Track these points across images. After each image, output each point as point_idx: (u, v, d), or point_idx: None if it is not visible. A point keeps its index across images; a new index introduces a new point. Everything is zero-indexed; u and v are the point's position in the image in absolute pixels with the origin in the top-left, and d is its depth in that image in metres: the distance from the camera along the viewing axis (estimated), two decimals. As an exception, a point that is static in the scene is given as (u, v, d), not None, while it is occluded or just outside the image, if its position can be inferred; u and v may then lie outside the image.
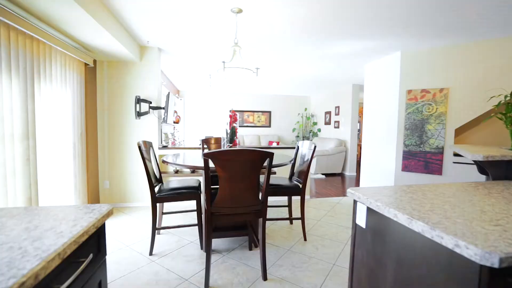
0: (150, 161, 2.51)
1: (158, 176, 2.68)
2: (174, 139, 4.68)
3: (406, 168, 3.84)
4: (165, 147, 3.86)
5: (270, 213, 3.58)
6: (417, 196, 1.19)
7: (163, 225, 3.00)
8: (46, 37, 2.36)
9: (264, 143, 8.30)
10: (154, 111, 3.73)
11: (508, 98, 1.97)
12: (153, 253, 2.43)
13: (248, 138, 8.31)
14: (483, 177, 2.02)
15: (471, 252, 0.70)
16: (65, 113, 2.86)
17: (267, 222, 3.21)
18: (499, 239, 0.75)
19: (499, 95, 2.12)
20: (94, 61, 3.56)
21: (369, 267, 1.18)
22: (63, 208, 1.01)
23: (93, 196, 3.63)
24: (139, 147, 2.28)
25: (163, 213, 2.81)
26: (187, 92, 8.14)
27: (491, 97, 2.23)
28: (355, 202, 1.28)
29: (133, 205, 3.82)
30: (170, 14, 2.66)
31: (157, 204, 2.48)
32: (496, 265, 0.66)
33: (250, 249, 2.49)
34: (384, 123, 4.14)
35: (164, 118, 4.18)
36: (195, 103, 8.23)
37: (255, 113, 8.70)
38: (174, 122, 5.26)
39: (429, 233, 0.83)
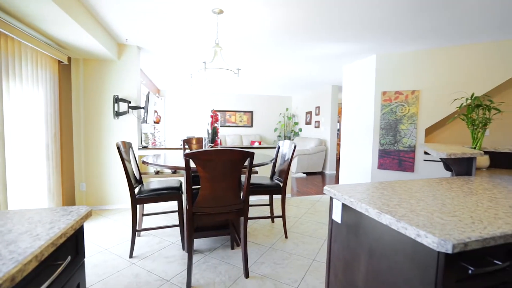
0: (129, 162, 2.46)
1: (138, 177, 2.64)
2: (154, 140, 4.59)
3: (381, 166, 4.03)
4: (145, 147, 3.78)
5: (252, 212, 3.62)
6: (387, 192, 1.28)
7: (143, 226, 2.95)
8: (15, 33, 2.24)
9: (246, 143, 8.33)
10: (134, 111, 3.64)
11: (469, 101, 2.14)
12: (133, 255, 2.39)
13: (230, 138, 8.31)
14: (448, 173, 2.17)
15: (430, 240, 0.78)
16: (37, 113, 2.73)
17: (249, 221, 3.25)
18: (454, 228, 0.83)
19: (462, 97, 2.30)
20: (69, 59, 3.42)
21: (344, 260, 1.25)
22: (38, 211, 0.99)
23: (69, 199, 3.49)
24: (118, 148, 2.23)
25: (143, 215, 2.77)
26: (168, 92, 8.00)
27: (455, 100, 2.41)
28: (331, 199, 1.35)
29: (112, 207, 3.72)
30: (150, 12, 2.62)
31: (138, 206, 2.44)
32: (449, 251, 0.74)
33: (232, 248, 2.51)
34: (361, 123, 4.31)
35: (144, 118, 4.09)
36: (176, 103, 8.10)
37: (237, 113, 8.71)
38: (154, 122, 5.16)
39: (395, 225, 0.91)
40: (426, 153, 3.68)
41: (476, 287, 0.83)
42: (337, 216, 1.29)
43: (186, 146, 3.37)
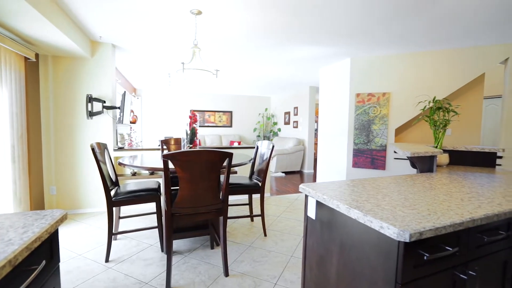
0: (105, 163, 2.39)
1: (114, 179, 2.57)
2: (131, 140, 4.46)
3: (356, 164, 4.22)
4: (121, 148, 3.67)
5: (232, 211, 3.65)
6: (357, 189, 1.37)
7: (120, 230, 2.88)
8: (-23, 28, 2.10)
9: (225, 143, 8.32)
10: (109, 110, 3.53)
11: (431, 104, 2.33)
12: (109, 259, 2.33)
13: (209, 138, 8.26)
14: (415, 170, 2.34)
15: (391, 231, 0.87)
16: (1, 112, 2.57)
17: (228, 220, 3.28)
18: (412, 220, 0.93)
19: (425, 100, 2.49)
20: (36, 55, 3.24)
21: (318, 254, 1.33)
22: (8, 216, 0.96)
23: (37, 204, 3.30)
24: (93, 149, 2.17)
25: (120, 218, 2.70)
26: (144, 91, 7.78)
27: (419, 102, 2.60)
28: (306, 196, 1.42)
29: (86, 211, 3.57)
30: (125, 11, 2.56)
31: (114, 208, 2.38)
32: (407, 240, 0.83)
33: (212, 248, 2.53)
34: (337, 123, 4.49)
35: (119, 118, 3.97)
36: (154, 103, 7.91)
37: (216, 113, 8.67)
38: (130, 122, 5.01)
39: (362, 218, 0.99)
40: (396, 151, 3.91)
41: (430, 271, 0.93)
42: (311, 213, 1.37)
43: (164, 147, 3.32)
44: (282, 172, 6.83)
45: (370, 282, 0.98)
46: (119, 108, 3.80)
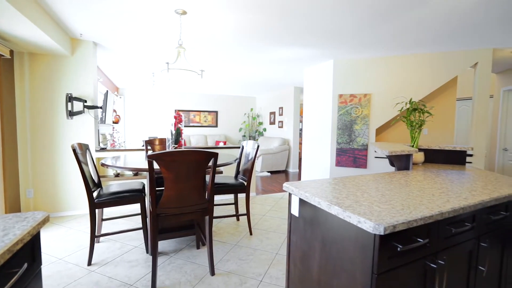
0: (87, 164, 2.34)
1: (96, 180, 2.51)
2: (113, 141, 4.36)
3: (339, 163, 4.35)
4: (103, 149, 3.59)
5: (217, 211, 3.66)
6: (338, 187, 1.44)
7: (103, 232, 2.82)
8: None
9: (211, 143, 8.29)
10: (90, 110, 3.43)
11: (408, 105, 2.46)
12: (92, 263, 2.28)
13: (194, 138, 8.19)
14: (393, 169, 2.46)
15: (367, 225, 0.93)
16: (-26, 112, 2.45)
17: (214, 220, 3.29)
18: (387, 214, 1.00)
19: (402, 102, 2.61)
20: (11, 52, 3.10)
21: (302, 250, 1.38)
22: (-13, 219, 0.94)
23: (13, 207, 3.16)
24: (74, 150, 2.12)
25: (103, 220, 2.65)
26: (127, 90, 7.60)
27: (397, 104, 2.73)
28: (290, 195, 1.47)
29: (66, 214, 3.46)
30: (107, 8, 2.51)
31: (96, 210, 2.33)
32: (382, 233, 0.89)
33: (198, 247, 2.54)
34: (321, 123, 4.60)
35: (102, 118, 3.87)
36: (137, 102, 7.74)
37: (201, 112, 8.61)
38: (113, 122, 4.89)
39: (342, 214, 1.05)
40: (376, 151, 4.07)
41: (404, 261, 1.00)
42: (295, 210, 1.42)
43: (149, 147, 3.28)
44: (268, 172, 6.90)
45: (349, 274, 1.04)
46: (101, 107, 3.70)
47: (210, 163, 1.98)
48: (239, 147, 4.42)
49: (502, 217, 1.38)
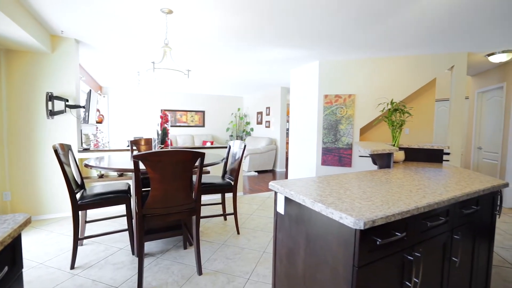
0: (69, 165, 2.28)
1: (79, 181, 2.46)
2: (97, 141, 4.25)
3: (324, 162, 4.44)
4: (86, 149, 3.50)
5: (205, 211, 3.66)
6: (322, 185, 1.48)
7: (87, 234, 2.75)
8: None
9: (198, 143, 8.23)
10: (72, 110, 3.34)
11: (389, 106, 2.55)
12: (75, 266, 2.22)
13: (181, 138, 8.11)
14: (376, 167, 2.55)
15: (349, 220, 0.97)
16: None
17: (202, 220, 3.28)
18: (367, 210, 1.05)
19: (384, 102, 2.71)
20: (-13, 49, 2.97)
21: (287, 247, 1.42)
22: (-36, 222, 0.91)
23: (-11, 211, 3.03)
24: (55, 151, 2.06)
25: (86, 222, 2.59)
26: (111, 89, 7.41)
27: (379, 104, 2.83)
28: (276, 193, 1.50)
29: (48, 217, 3.35)
30: (89, 4, 2.45)
31: (80, 212, 2.28)
32: (362, 227, 0.94)
33: (185, 248, 2.53)
34: (307, 123, 4.68)
35: (84, 117, 3.77)
36: (122, 101, 7.57)
37: (188, 112, 8.53)
38: (97, 122, 4.77)
39: (325, 211, 1.09)
40: (360, 150, 4.18)
41: (383, 254, 1.06)
42: (281, 208, 1.45)
43: (134, 148, 3.23)
44: (255, 171, 6.93)
45: (332, 268, 1.09)
46: (83, 107, 3.61)
47: (197, 163, 1.98)
48: (226, 147, 4.43)
49: (473, 211, 1.48)
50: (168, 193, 1.90)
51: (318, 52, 3.87)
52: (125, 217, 3.13)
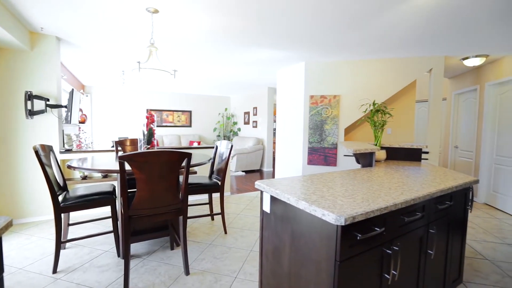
0: (50, 167, 2.22)
1: (62, 183, 2.39)
2: (79, 142, 4.13)
3: (310, 162, 4.53)
4: (68, 150, 3.40)
5: (192, 211, 3.64)
6: (307, 183, 1.53)
7: (69, 237, 2.68)
8: None
9: (184, 143, 8.15)
10: (53, 109, 3.24)
11: (371, 107, 2.65)
12: (57, 270, 2.17)
13: (167, 138, 8.00)
14: (359, 166, 2.64)
15: (331, 217, 1.02)
16: None
17: (189, 220, 3.27)
18: (349, 207, 1.10)
19: (367, 103, 2.81)
20: (-40, 46, 2.83)
21: (273, 244, 1.46)
22: None
23: (-36, 215, 2.89)
24: (36, 152, 2.00)
25: (69, 225, 2.53)
26: (94, 88, 7.21)
27: (362, 105, 2.92)
28: (262, 192, 1.53)
29: (27, 220, 3.23)
30: (71, 0, 2.39)
31: (62, 215, 2.23)
32: (343, 223, 0.99)
33: (172, 248, 2.52)
34: (293, 123, 4.75)
35: (67, 117, 3.66)
36: (105, 101, 7.38)
37: (175, 112, 8.43)
38: (79, 122, 4.64)
39: (308, 208, 1.13)
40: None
41: (363, 248, 1.12)
42: (266, 207, 1.49)
43: (119, 148, 3.18)
44: (242, 171, 6.95)
45: (316, 263, 1.13)
46: (65, 107, 3.50)
47: (184, 163, 1.99)
48: (213, 147, 4.43)
49: (447, 206, 1.57)
50: (154, 193, 1.89)
51: (304, 54, 3.94)
52: (110, 219, 3.09)
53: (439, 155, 5.30)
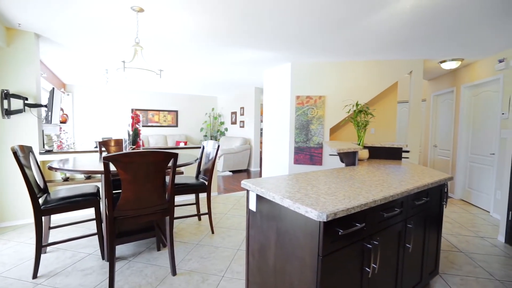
0: (30, 168, 2.15)
1: (42, 185, 2.32)
2: (60, 142, 4.00)
3: (297, 161, 4.60)
4: (49, 151, 3.29)
5: (179, 212, 3.62)
6: (292, 182, 1.57)
7: (50, 241, 2.60)
8: None
9: (171, 143, 8.05)
10: (32, 109, 3.12)
11: (355, 108, 2.74)
12: (38, 275, 2.10)
13: (153, 138, 7.87)
14: (343, 165, 2.71)
15: (313, 214, 1.06)
16: None
17: (175, 221, 3.25)
18: (331, 204, 1.15)
19: (350, 104, 2.90)
20: None
21: (259, 242, 1.48)
22: None
23: None
24: (15, 153, 1.94)
25: (50, 228, 2.45)
26: (76, 87, 6.98)
27: (345, 106, 3.01)
28: (248, 191, 1.56)
29: (4, 225, 3.09)
30: None
31: (43, 218, 2.16)
32: (325, 219, 1.03)
33: (159, 249, 2.50)
34: (280, 123, 4.81)
35: (47, 117, 3.54)
36: (88, 100, 7.16)
37: (160, 112, 8.31)
38: (60, 122, 4.49)
39: (292, 206, 1.17)
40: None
41: (344, 243, 1.17)
42: (252, 206, 1.52)
43: (103, 149, 3.12)
44: (230, 171, 6.95)
45: (300, 258, 1.17)
46: (45, 106, 3.39)
47: (170, 164, 1.98)
48: (200, 147, 4.41)
49: (424, 202, 1.66)
50: (140, 194, 1.88)
51: (290, 55, 4.00)
52: (93, 221, 3.02)
53: (419, 154, 5.52)
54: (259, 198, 1.46)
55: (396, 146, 2.79)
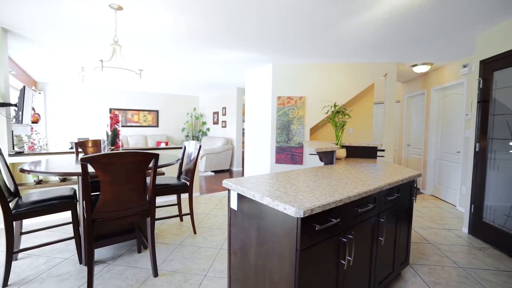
0: None
1: (13, 189, 2.22)
2: (32, 143, 3.80)
3: (278, 161, 4.68)
4: (19, 153, 3.13)
5: (160, 213, 3.57)
6: (272, 181, 1.63)
7: (22, 247, 2.49)
8: None
9: (151, 144, 7.88)
10: (1, 108, 2.96)
11: (333, 108, 2.85)
12: (8, 283, 2.01)
13: (133, 138, 7.66)
14: (322, 164, 2.80)
15: (291, 211, 1.12)
16: None
17: (157, 222, 3.21)
18: (308, 201, 1.21)
19: (328, 105, 3.01)
20: None
21: (241, 240, 1.52)
22: None
23: None
24: (-17, 155, 1.84)
25: (21, 233, 2.34)
26: (49, 85, 6.65)
27: (324, 107, 3.12)
28: (229, 190, 1.59)
29: (-32, 231, 2.91)
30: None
31: (14, 223, 2.06)
32: (302, 216, 1.09)
33: (140, 251, 2.46)
34: (262, 123, 4.87)
35: (17, 117, 3.36)
36: (62, 99, 6.84)
37: (140, 112, 8.10)
38: (32, 122, 4.26)
39: (272, 204, 1.22)
40: (310, 148, 4.51)
41: (321, 238, 1.23)
42: (234, 205, 1.55)
43: (80, 150, 3.02)
44: (212, 171, 6.93)
45: (279, 254, 1.22)
46: (15, 105, 3.21)
47: (151, 164, 1.97)
48: (181, 148, 4.36)
49: (395, 198, 1.77)
50: (120, 195, 1.85)
51: (272, 56, 4.07)
52: (69, 225, 2.91)
53: (394, 152, 5.81)
54: (240, 197, 1.50)
55: (372, 145, 2.93)
